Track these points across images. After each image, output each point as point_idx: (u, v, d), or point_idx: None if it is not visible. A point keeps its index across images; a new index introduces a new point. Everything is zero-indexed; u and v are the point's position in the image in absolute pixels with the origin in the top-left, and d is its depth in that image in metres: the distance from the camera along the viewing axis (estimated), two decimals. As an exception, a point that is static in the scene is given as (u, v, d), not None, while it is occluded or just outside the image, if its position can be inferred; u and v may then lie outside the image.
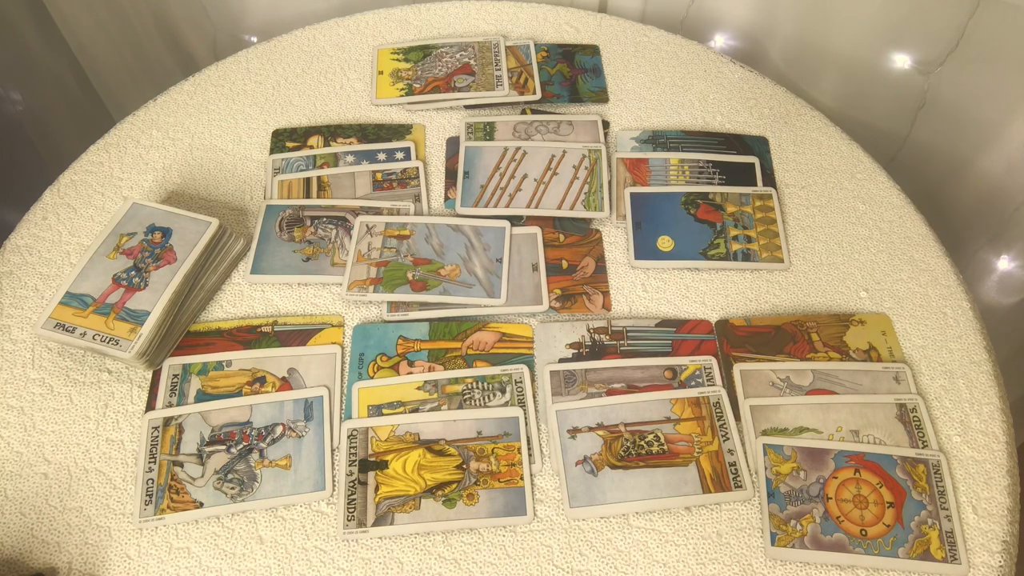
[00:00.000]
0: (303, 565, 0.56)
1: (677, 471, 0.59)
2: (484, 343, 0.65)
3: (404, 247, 0.70)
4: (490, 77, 0.82)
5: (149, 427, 0.60)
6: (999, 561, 0.56)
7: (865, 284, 0.70)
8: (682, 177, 0.76)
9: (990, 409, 0.63)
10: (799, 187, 0.76)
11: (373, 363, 0.64)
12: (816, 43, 0.92)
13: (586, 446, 0.60)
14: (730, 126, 0.80)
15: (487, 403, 0.62)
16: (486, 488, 0.58)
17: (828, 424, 0.61)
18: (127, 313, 0.61)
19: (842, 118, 0.85)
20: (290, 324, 0.67)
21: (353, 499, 0.58)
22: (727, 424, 0.61)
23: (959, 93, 0.86)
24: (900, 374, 0.64)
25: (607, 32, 0.88)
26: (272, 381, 0.63)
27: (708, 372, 0.64)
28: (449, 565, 0.56)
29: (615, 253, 0.71)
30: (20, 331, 0.66)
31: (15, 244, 0.71)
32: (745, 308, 0.68)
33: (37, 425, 0.62)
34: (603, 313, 0.68)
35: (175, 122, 0.80)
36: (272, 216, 0.72)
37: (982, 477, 0.60)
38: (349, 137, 0.78)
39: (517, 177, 0.75)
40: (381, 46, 0.86)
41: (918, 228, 0.73)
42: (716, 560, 0.56)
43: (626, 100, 0.82)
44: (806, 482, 0.59)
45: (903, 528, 0.57)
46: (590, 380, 0.63)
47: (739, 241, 0.71)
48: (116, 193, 0.74)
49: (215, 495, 0.58)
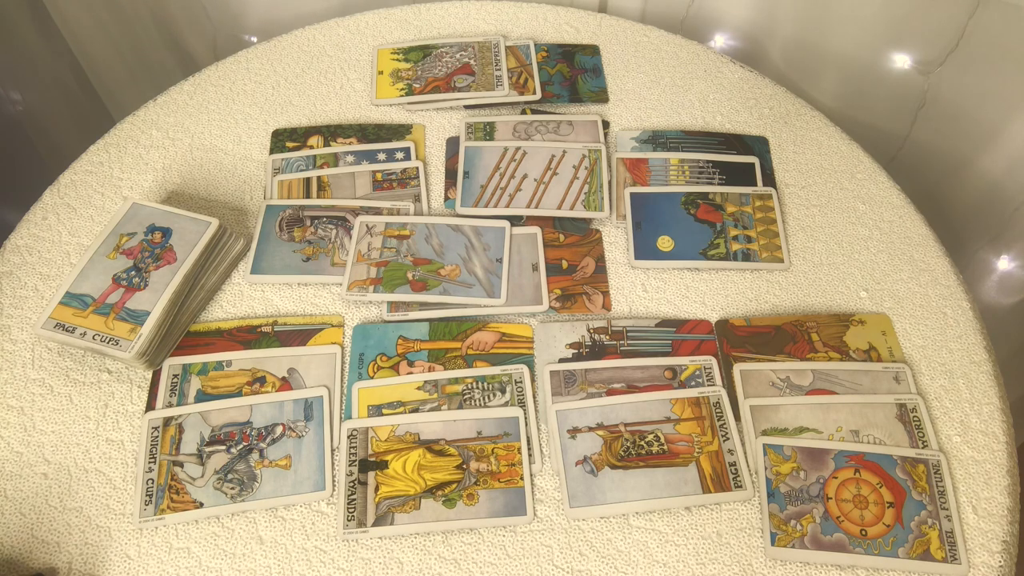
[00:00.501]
0: (303, 565, 0.56)
1: (677, 471, 0.59)
2: (484, 343, 0.65)
3: (404, 247, 0.70)
4: (490, 77, 0.82)
5: (149, 427, 0.60)
6: (999, 561, 0.56)
7: (865, 284, 0.70)
8: (682, 177, 0.76)
9: (990, 409, 0.63)
10: (799, 187, 0.76)
11: (373, 363, 0.64)
12: (816, 43, 0.92)
13: (586, 446, 0.60)
14: (730, 126, 0.80)
15: (487, 403, 0.62)
16: (486, 488, 0.58)
17: (828, 424, 0.61)
18: (127, 313, 0.61)
19: (842, 118, 0.85)
20: (290, 324, 0.67)
21: (353, 499, 0.58)
22: (727, 424, 0.61)
23: (959, 93, 0.86)
24: (900, 374, 0.64)
25: (607, 32, 0.88)
26: (272, 381, 0.63)
27: (708, 372, 0.64)
28: (449, 565, 0.56)
29: (615, 253, 0.71)
30: (20, 331, 0.66)
31: (15, 244, 0.71)
32: (745, 308, 0.69)
33: (37, 425, 0.62)
34: (603, 313, 0.68)
35: (175, 122, 0.80)
36: (272, 216, 0.72)
37: (982, 477, 0.60)
38: (349, 137, 0.78)
39: (517, 177, 0.75)
40: (381, 46, 0.86)
41: (918, 228, 0.73)
42: (716, 560, 0.56)
43: (626, 100, 0.82)
44: (806, 482, 0.59)
45: (903, 528, 0.57)
46: (590, 380, 0.63)
47: (739, 241, 0.71)
48: (116, 193, 0.74)
49: (215, 495, 0.58)
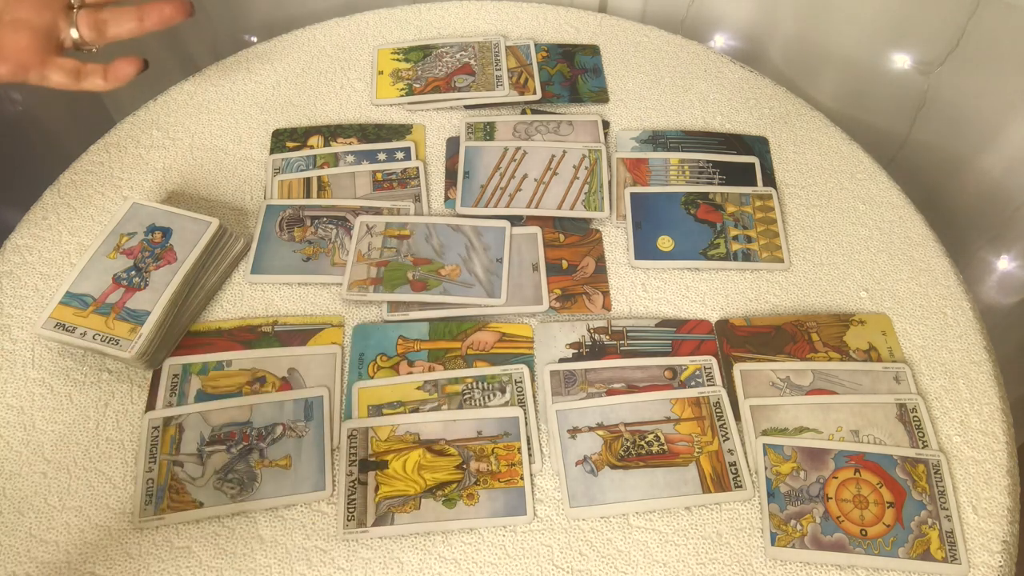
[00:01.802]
0: (303, 565, 0.56)
1: (677, 471, 0.59)
2: (484, 343, 0.65)
3: (404, 247, 0.70)
4: (490, 77, 0.82)
5: (149, 427, 0.60)
6: (999, 561, 0.56)
7: (865, 284, 0.70)
8: (682, 177, 0.76)
9: (990, 409, 0.63)
10: (799, 187, 0.76)
11: (373, 363, 0.64)
12: (816, 43, 0.92)
13: (586, 446, 0.60)
14: (730, 126, 0.80)
15: (487, 403, 0.62)
16: (486, 488, 0.58)
17: (828, 424, 0.61)
18: (127, 313, 0.61)
19: (842, 118, 0.85)
20: (290, 324, 0.67)
21: (353, 499, 0.58)
22: (727, 424, 0.61)
23: (959, 93, 0.86)
24: (900, 374, 0.64)
25: (607, 32, 0.88)
26: (272, 381, 0.63)
27: (708, 372, 0.64)
28: (449, 565, 0.56)
29: (615, 253, 0.71)
30: (20, 331, 0.66)
31: (15, 244, 0.71)
32: (745, 308, 0.69)
33: (37, 425, 0.62)
34: (603, 313, 0.68)
35: (175, 122, 0.80)
36: (272, 216, 0.72)
37: (982, 477, 0.60)
38: (349, 137, 0.78)
39: (517, 177, 0.75)
40: (381, 46, 0.86)
41: (918, 228, 0.73)
42: (716, 560, 0.56)
43: (626, 100, 0.82)
44: (806, 482, 0.59)
45: (903, 528, 0.57)
46: (590, 380, 0.63)
47: (739, 241, 0.71)
48: (116, 193, 0.75)
49: (215, 495, 0.58)
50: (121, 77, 0.65)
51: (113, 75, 0.64)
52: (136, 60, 0.65)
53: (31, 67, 0.61)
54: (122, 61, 0.65)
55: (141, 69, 0.65)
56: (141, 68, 0.65)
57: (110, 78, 0.64)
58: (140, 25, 0.65)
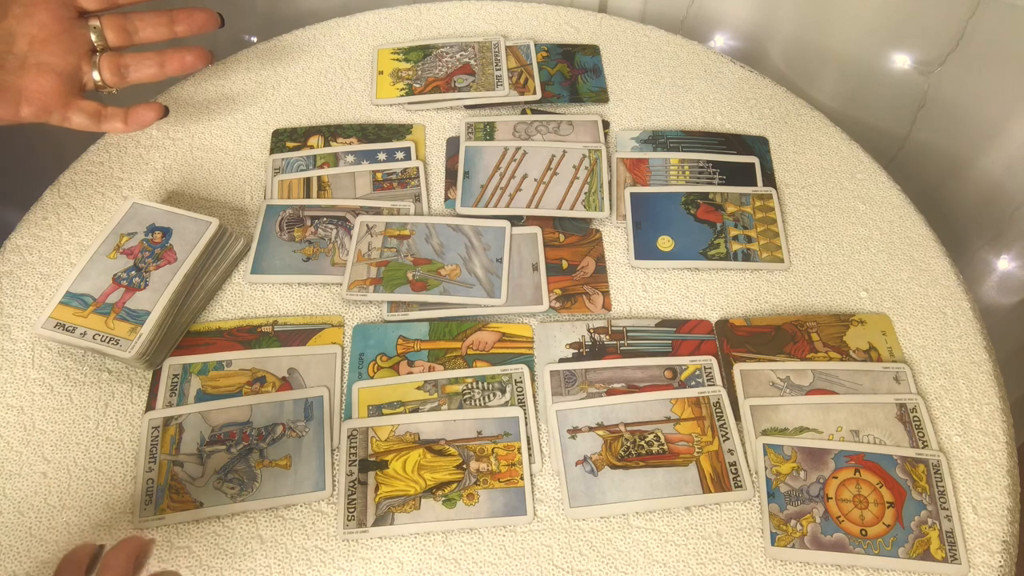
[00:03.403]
0: (303, 565, 0.56)
1: (677, 471, 0.59)
2: (484, 343, 0.65)
3: (404, 247, 0.70)
4: (490, 77, 0.82)
5: (149, 427, 0.60)
6: (999, 561, 0.56)
7: (865, 284, 0.70)
8: (682, 177, 0.76)
9: (990, 409, 0.63)
10: (799, 187, 0.76)
11: (373, 363, 0.64)
12: (816, 43, 0.92)
13: (586, 446, 0.60)
14: (730, 126, 0.80)
15: (487, 403, 0.62)
16: (486, 488, 0.58)
17: (828, 424, 0.61)
18: (127, 313, 0.61)
19: (842, 118, 0.85)
20: (290, 324, 0.67)
21: (353, 499, 0.58)
22: (727, 424, 0.61)
23: (959, 93, 0.86)
24: (900, 374, 0.64)
25: (607, 32, 0.88)
26: (272, 381, 0.63)
27: (708, 372, 0.64)
28: (449, 565, 0.56)
29: (615, 253, 0.72)
30: (20, 331, 0.66)
31: (15, 244, 0.71)
32: (745, 308, 0.69)
33: (37, 425, 0.62)
34: (603, 313, 0.68)
35: (175, 122, 0.80)
36: (272, 216, 0.72)
37: (982, 477, 0.60)
38: (349, 137, 0.78)
39: (517, 177, 0.75)
40: (381, 46, 0.86)
41: (918, 228, 0.73)
42: (716, 560, 0.56)
43: (626, 100, 0.82)
44: (806, 482, 0.59)
45: (903, 528, 0.57)
46: (590, 380, 0.63)
47: (739, 241, 0.71)
48: (116, 193, 0.75)
49: (215, 495, 0.58)
50: (142, 122, 0.67)
51: (134, 120, 0.66)
52: (158, 106, 0.67)
53: (54, 109, 0.63)
54: (144, 107, 0.67)
55: (162, 115, 0.68)
56: (162, 114, 0.68)
57: (131, 123, 0.66)
58: (161, 71, 0.67)
